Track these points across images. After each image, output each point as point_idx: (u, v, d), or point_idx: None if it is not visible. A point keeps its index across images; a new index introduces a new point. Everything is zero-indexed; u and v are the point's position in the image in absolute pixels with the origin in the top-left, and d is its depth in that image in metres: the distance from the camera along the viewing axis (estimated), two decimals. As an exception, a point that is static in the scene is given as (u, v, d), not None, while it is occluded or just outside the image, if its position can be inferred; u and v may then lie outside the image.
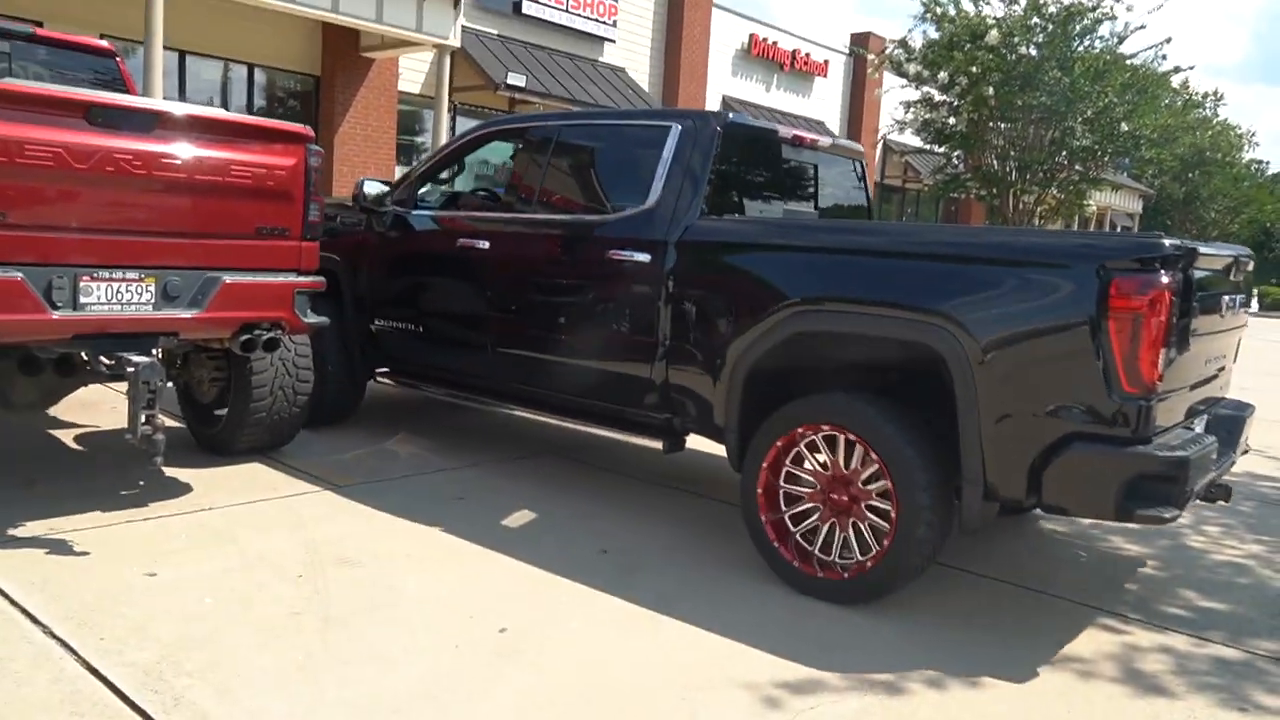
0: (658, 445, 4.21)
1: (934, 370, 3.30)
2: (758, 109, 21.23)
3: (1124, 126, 17.10)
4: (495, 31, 16.05)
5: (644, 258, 4.04)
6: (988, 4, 16.69)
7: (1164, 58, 17.76)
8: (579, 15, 17.19)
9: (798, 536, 3.57)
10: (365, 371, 5.35)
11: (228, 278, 3.91)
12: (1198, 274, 3.16)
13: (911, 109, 17.95)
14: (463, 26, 14.16)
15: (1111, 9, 16.28)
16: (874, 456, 3.31)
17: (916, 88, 17.74)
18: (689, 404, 4.00)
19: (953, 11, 16.81)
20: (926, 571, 3.51)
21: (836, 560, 3.46)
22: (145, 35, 9.99)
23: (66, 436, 5.10)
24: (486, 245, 4.65)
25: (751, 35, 21.12)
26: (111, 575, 3.30)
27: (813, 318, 3.56)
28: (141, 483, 4.32)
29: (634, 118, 5.19)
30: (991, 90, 16.25)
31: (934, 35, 17.16)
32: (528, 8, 16.23)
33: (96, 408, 5.58)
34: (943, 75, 16.79)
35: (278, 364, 4.57)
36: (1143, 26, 16.63)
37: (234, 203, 3.91)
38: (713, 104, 20.42)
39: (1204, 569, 4.23)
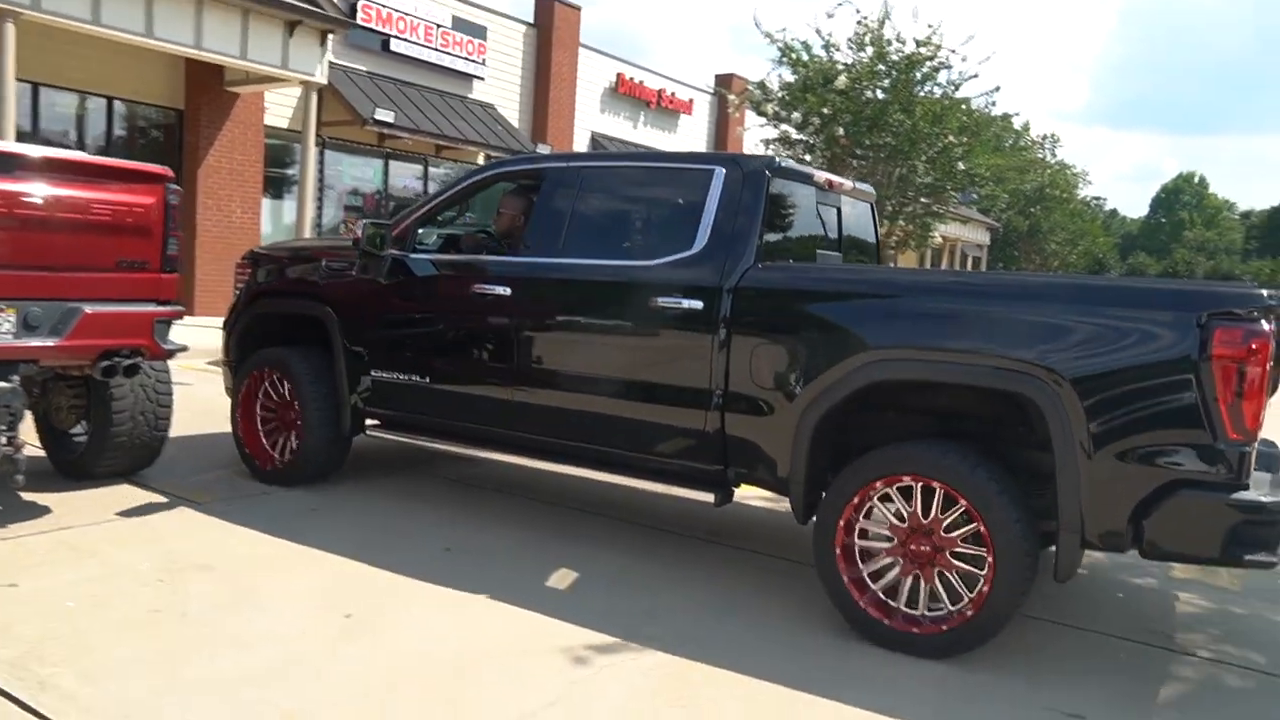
0: (704, 497, 4.05)
1: (1018, 417, 3.41)
2: (625, 144, 22.02)
3: (960, 165, 18.60)
4: (364, 68, 16.28)
5: (695, 304, 3.93)
6: (838, 50, 18.00)
7: (994, 104, 19.38)
8: (448, 54, 17.58)
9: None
10: (355, 424, 5.06)
11: (88, 308, 4.17)
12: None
13: (770, 146, 19.07)
14: (331, 63, 14.38)
15: (948, 58, 17.80)
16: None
17: (775, 126, 18.85)
18: (747, 455, 3.88)
19: (806, 57, 18.02)
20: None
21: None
22: (-4, 67, 9.90)
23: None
24: (508, 292, 4.42)
25: (619, 74, 21.93)
26: (-27, 587, 3.52)
27: (893, 366, 3.51)
28: (1, 507, 4.48)
29: (668, 160, 5.00)
30: (842, 130, 17.43)
31: (789, 79, 18.35)
32: (396, 45, 16.52)
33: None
34: (796, 115, 17.94)
35: (138, 390, 4.81)
36: (975, 75, 17.92)
37: (95, 238, 4.20)
38: (581, 140, 21.09)
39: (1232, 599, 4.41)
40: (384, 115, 15.08)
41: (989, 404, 3.55)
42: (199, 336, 11.05)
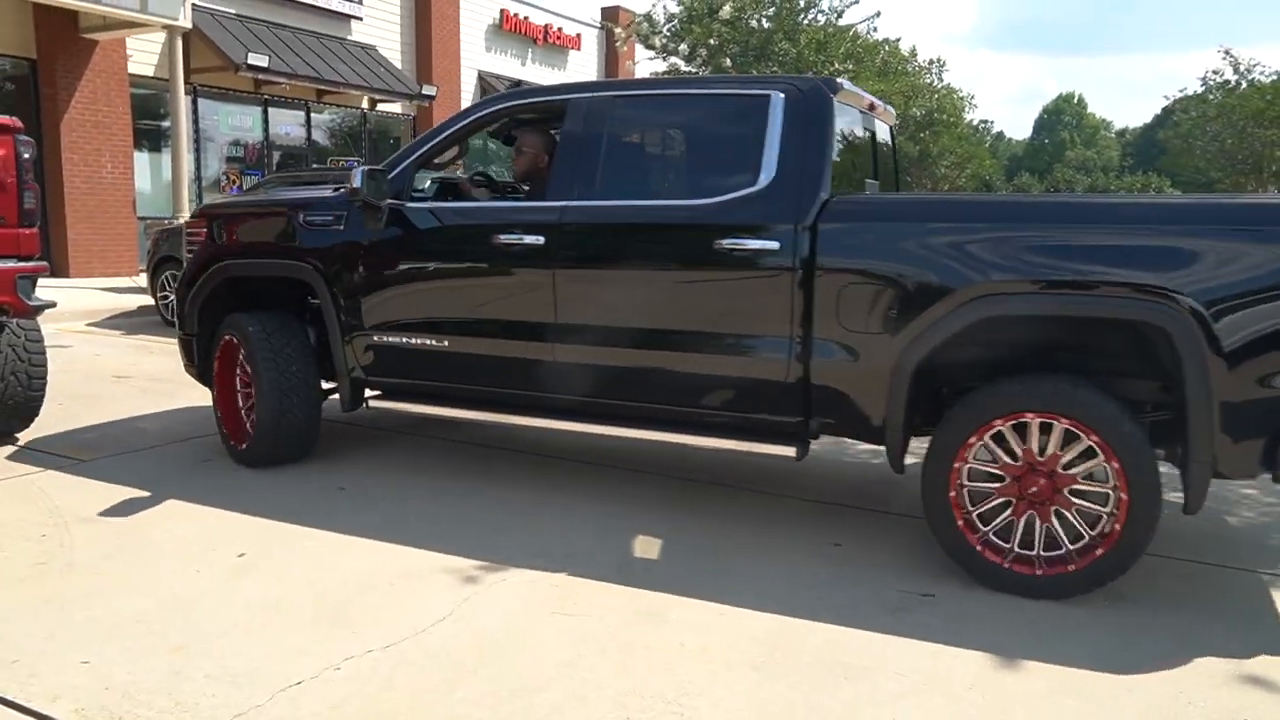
0: (789, 452, 3.74)
1: (1131, 346, 3.36)
2: (514, 82, 21.66)
3: (845, 92, 18.91)
4: (233, 11, 15.58)
5: (768, 245, 3.61)
6: (722, -21, 18.02)
7: (875, 30, 19.72)
8: (322, -8, 16.94)
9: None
10: (355, 396, 4.60)
11: (-58, 266, 4.04)
12: None
13: (660, 78, 19.06)
14: (195, 5, 13.74)
15: (829, -15, 18.00)
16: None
17: (664, 59, 18.80)
18: (833, 404, 3.64)
19: (690, -12, 17.98)
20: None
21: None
22: None
23: None
24: (542, 241, 3.98)
25: (502, 11, 21.49)
26: None
27: (1009, 301, 3.30)
28: None
29: (715, 86, 4.37)
30: (729, 61, 17.54)
31: (675, 10, 18.29)
32: (266, -15, 15.85)
33: None
34: (684, 47, 17.95)
35: (6, 349, 4.69)
36: (856, 1, 18.21)
37: (-58, 193, 4.04)
38: (468, 79, 20.68)
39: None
40: (257, 60, 14.52)
41: (1104, 335, 3.40)
42: (76, 297, 10.68)
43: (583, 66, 24.29)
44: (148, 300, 10.55)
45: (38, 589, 3.21)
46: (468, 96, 20.78)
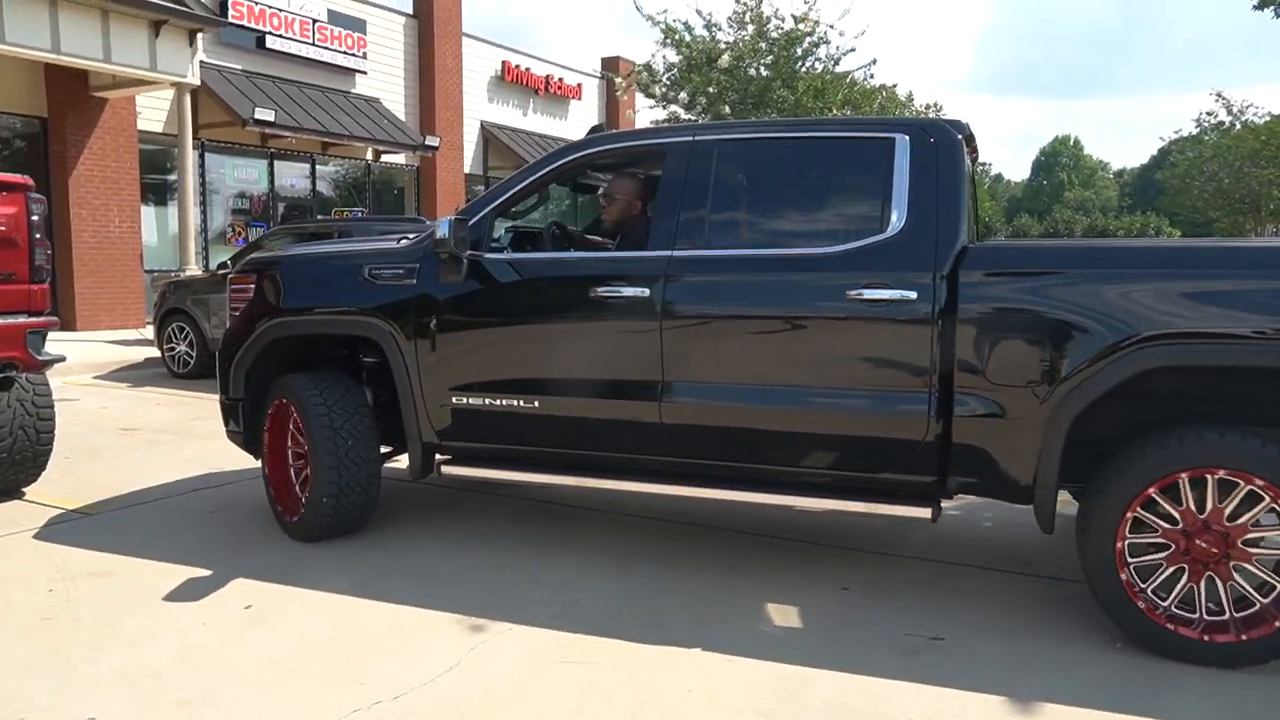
0: (921, 514, 3.52)
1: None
2: (516, 132, 21.99)
3: (843, 137, 19.15)
4: (240, 67, 15.89)
5: (904, 294, 3.42)
6: (720, 29, 18.36)
7: (872, 76, 20.01)
8: (327, 48, 17.27)
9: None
10: (426, 462, 4.24)
11: (-45, 322, 4.10)
12: None
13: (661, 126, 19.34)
14: (203, 63, 14.01)
15: (825, 33, 18.33)
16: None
17: (664, 107, 19.09)
18: (975, 463, 3.43)
19: (688, 37, 18.31)
20: None
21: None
22: None
23: None
24: (646, 293, 3.74)
25: (504, 63, 21.87)
26: None
27: (1174, 351, 3.15)
28: (-124, 532, 4.37)
29: (831, 129, 4.12)
30: (728, 108, 17.79)
31: (674, 59, 18.61)
32: (272, 42, 16.16)
33: None
34: (683, 95, 18.23)
35: (15, 404, 4.72)
36: (853, 49, 18.51)
37: (-45, 251, 4.11)
38: (470, 130, 20.98)
39: None
40: (264, 114, 14.77)
41: (1266, 384, 3.29)
42: (83, 351, 10.75)
43: (584, 116, 24.63)
44: (154, 352, 10.61)
45: (44, 642, 3.21)
46: (470, 146, 21.06)
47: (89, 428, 7.05)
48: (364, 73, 18.23)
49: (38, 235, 4.34)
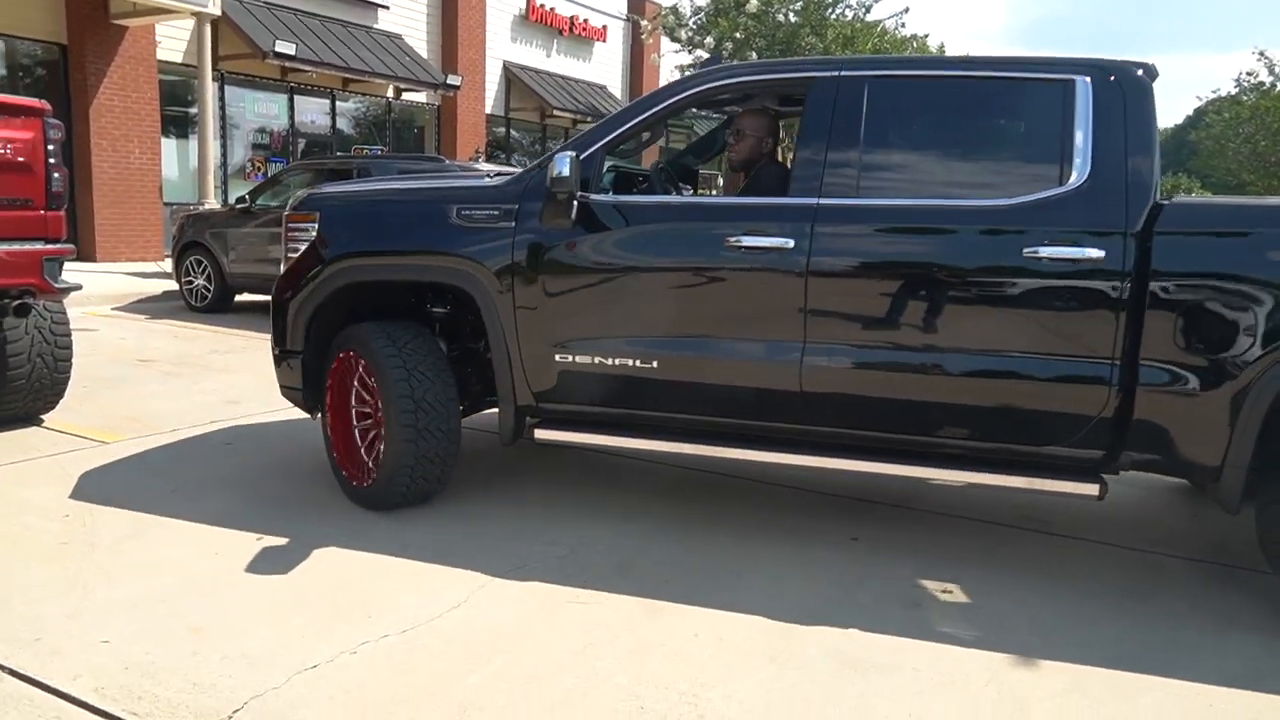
0: (1086, 491, 3.27)
1: None
2: (539, 74, 21.70)
3: (872, 88, 18.79)
4: (261, -2, 15.68)
5: (1089, 254, 3.14)
6: (749, -27, 17.97)
7: (903, 25, 19.57)
8: (349, -19, 17.01)
9: None
10: (517, 425, 3.87)
11: (-29, 247, 4.10)
12: None
13: (686, 72, 19.03)
14: (224, -8, 13.81)
15: (858, -21, 17.90)
16: None
17: (690, 52, 18.76)
18: (1155, 438, 3.19)
19: (716, -20, 17.93)
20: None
21: None
22: None
23: None
24: (790, 244, 3.40)
25: (529, 1, 21.48)
26: (-127, 529, 3.51)
27: None
28: (-103, 453, 4.43)
29: (999, 68, 3.58)
30: (755, 55, 17.47)
31: (701, 3, 18.24)
32: (294, -27, 15.93)
33: None
34: (710, 41, 17.89)
35: (33, 331, 4.74)
36: (886, -5, 18.09)
37: (-28, 175, 4.09)
38: (493, 70, 20.71)
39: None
40: (284, 47, 14.60)
41: None
42: (102, 281, 10.80)
43: (608, 59, 24.27)
44: (173, 285, 10.65)
45: (61, 568, 3.25)
46: (493, 87, 20.81)
47: (107, 358, 7.10)
48: (386, 8, 17.96)
49: (54, 161, 4.31)
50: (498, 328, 3.74)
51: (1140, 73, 3.32)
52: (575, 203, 3.57)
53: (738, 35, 17.36)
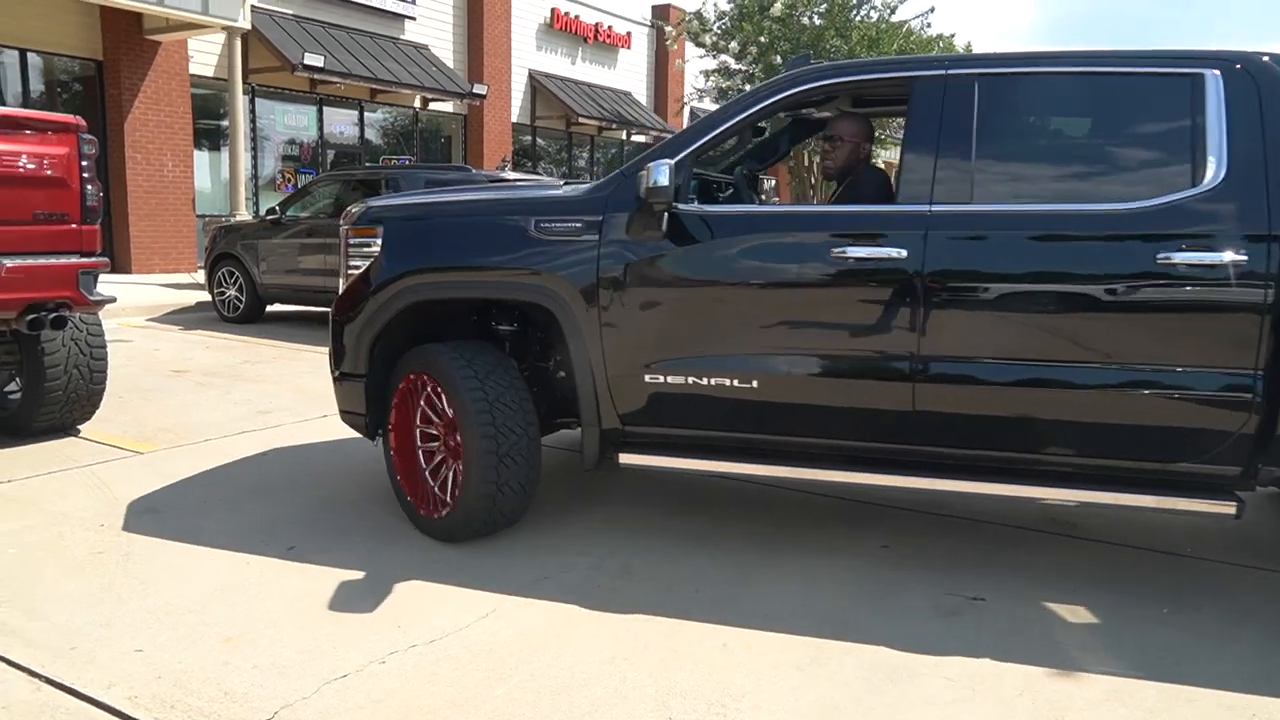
0: (1222, 510, 3.09)
1: None
2: (564, 81, 21.79)
3: (899, 89, 18.69)
4: (290, 11, 15.88)
5: (1231, 259, 2.96)
6: (773, -24, 17.93)
7: (929, 25, 19.43)
8: (376, -7, 17.19)
9: None
10: (602, 449, 3.63)
11: (9, 261, 4.17)
12: None
13: (710, 78, 19.02)
14: (254, 7, 14.02)
15: (882, -20, 17.82)
16: None
17: (714, 57, 18.77)
18: None
19: (741, -16, 17.92)
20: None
21: None
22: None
23: None
24: (904, 255, 3.21)
25: (553, 9, 21.59)
26: (-85, 539, 3.58)
27: None
28: (-62, 465, 4.51)
29: (1120, 61, 3.33)
30: (780, 59, 17.44)
31: (725, 7, 18.24)
32: (322, -14, 16.12)
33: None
34: (734, 45, 17.89)
35: (69, 344, 4.82)
36: (911, -4, 17.98)
37: (9, 191, 4.17)
38: (519, 78, 20.83)
39: None
40: (313, 60, 14.78)
41: None
42: (136, 293, 10.97)
43: (632, 65, 24.33)
44: (205, 296, 10.79)
45: (96, 577, 3.29)
46: (518, 95, 20.92)
47: (141, 369, 7.20)
48: (413, 19, 18.13)
49: (88, 176, 4.38)
50: (582, 348, 3.52)
51: (1267, 60, 3.11)
52: (667, 214, 3.38)
53: (762, 39, 17.35)
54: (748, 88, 19.07)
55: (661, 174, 3.25)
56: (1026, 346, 3.17)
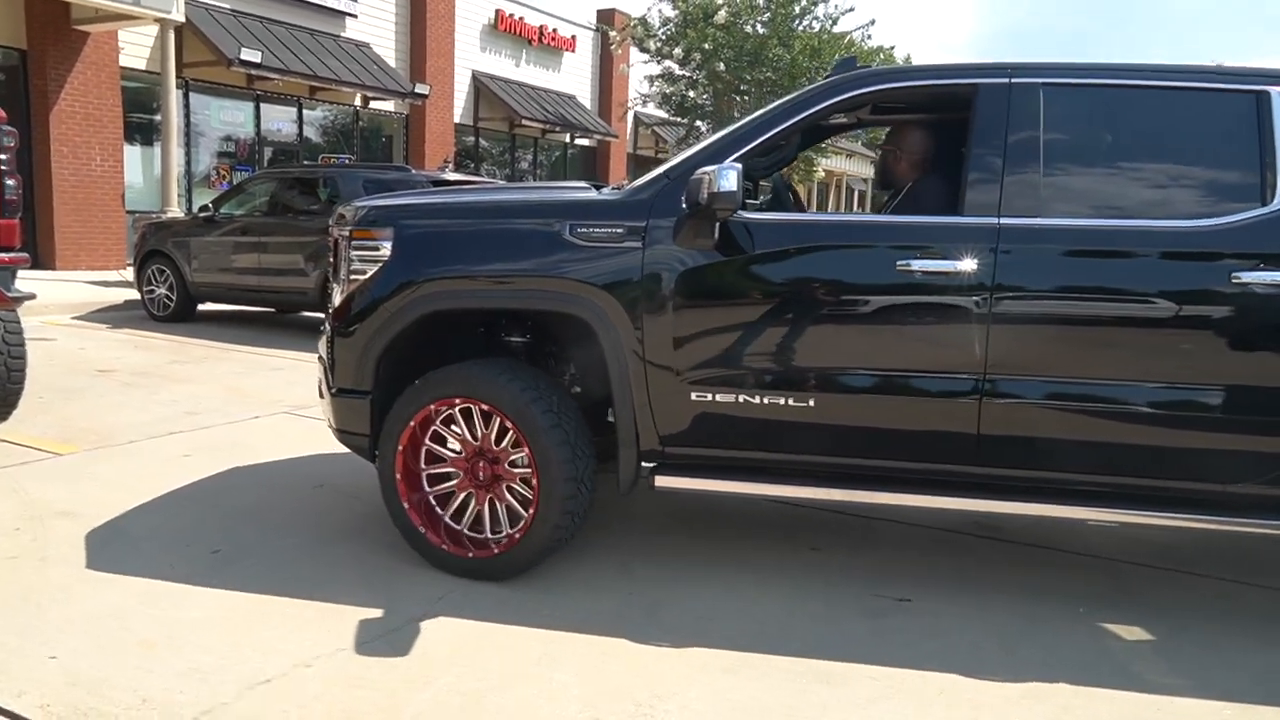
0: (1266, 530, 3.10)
1: None
2: (508, 83, 21.69)
3: (839, 99, 18.98)
4: (227, 5, 15.54)
5: None
6: (718, -16, 18.08)
7: (869, 37, 19.79)
8: (316, -11, 16.92)
9: None
10: (638, 470, 3.37)
11: (-81, 256, 4.02)
12: None
13: (655, 83, 19.10)
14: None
15: (824, -9, 18.09)
16: None
17: (659, 63, 18.85)
18: None
19: (686, -9, 18.04)
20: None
21: None
22: None
23: None
24: (972, 268, 3.09)
25: (498, 11, 21.48)
26: None
27: None
28: None
29: (1187, 77, 3.29)
30: (723, 66, 17.61)
31: (670, 14, 18.34)
32: (260, -20, 15.82)
33: None
34: (678, 52, 18.00)
35: (-15, 341, 4.66)
36: (851, 9, 18.30)
37: (-79, 182, 4.02)
38: (462, 79, 20.68)
39: None
40: (250, 55, 14.48)
41: None
42: (61, 291, 10.63)
43: (577, 69, 24.31)
44: (134, 294, 10.50)
45: (10, 583, 3.18)
46: (461, 96, 20.77)
47: (64, 368, 6.99)
48: (354, 16, 17.88)
49: (7, 169, 4.24)
50: (622, 363, 3.26)
51: None
52: (718, 221, 3.18)
53: (706, 46, 17.49)
54: (691, 94, 19.25)
55: (728, 179, 3.02)
56: (1097, 366, 3.11)
